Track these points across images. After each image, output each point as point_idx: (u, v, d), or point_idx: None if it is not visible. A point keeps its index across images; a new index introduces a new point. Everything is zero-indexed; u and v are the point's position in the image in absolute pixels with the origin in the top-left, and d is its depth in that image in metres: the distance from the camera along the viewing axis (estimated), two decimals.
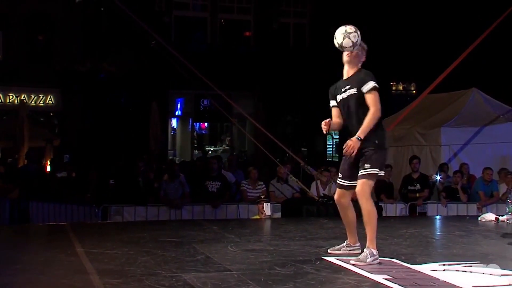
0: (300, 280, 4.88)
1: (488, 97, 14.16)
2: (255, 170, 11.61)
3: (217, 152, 25.14)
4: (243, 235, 7.62)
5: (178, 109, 24.71)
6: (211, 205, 10.91)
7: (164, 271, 5.16)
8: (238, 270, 5.23)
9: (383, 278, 4.91)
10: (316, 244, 6.76)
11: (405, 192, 11.90)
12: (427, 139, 13.29)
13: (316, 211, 10.61)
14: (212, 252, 6.14)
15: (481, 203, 11.44)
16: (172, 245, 6.70)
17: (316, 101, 23.38)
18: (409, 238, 7.47)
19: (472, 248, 6.78)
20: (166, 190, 11.00)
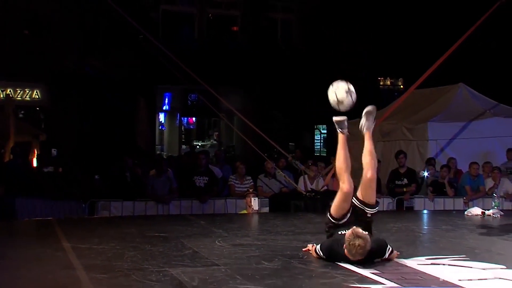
0: (288, 274, 4.89)
1: (475, 92, 14.21)
2: (242, 165, 11.59)
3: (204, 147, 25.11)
4: (231, 229, 7.64)
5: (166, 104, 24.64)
6: (199, 200, 10.89)
7: (151, 266, 5.15)
8: (225, 264, 5.23)
9: (370, 272, 4.93)
10: (303, 239, 6.77)
11: (392, 187, 11.93)
12: (414, 134, 13.33)
13: (303, 206, 10.63)
14: (199, 247, 6.14)
15: (467, 198, 11.50)
16: (160, 240, 6.69)
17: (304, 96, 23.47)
18: (396, 233, 7.51)
19: (459, 242, 6.82)
20: (154, 185, 10.96)
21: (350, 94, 5.40)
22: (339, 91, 5.42)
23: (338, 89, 5.43)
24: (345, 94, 5.40)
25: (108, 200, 10.51)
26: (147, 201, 10.71)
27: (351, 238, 4.99)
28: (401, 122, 13.63)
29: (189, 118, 26.80)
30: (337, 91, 5.42)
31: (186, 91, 23.67)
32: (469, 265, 5.33)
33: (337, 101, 5.40)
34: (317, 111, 24.55)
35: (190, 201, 10.88)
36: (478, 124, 13.05)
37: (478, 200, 11.40)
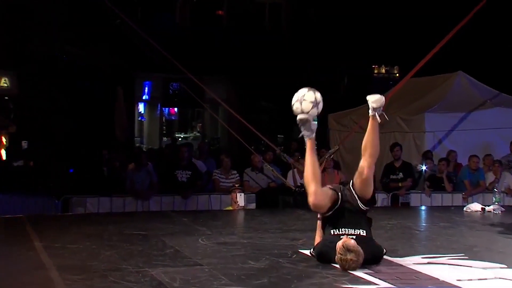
0: (275, 274, 4.88)
1: (475, 80, 14.26)
2: (228, 158, 11.59)
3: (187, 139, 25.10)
4: (215, 227, 7.63)
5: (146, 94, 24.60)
6: (181, 195, 10.88)
7: (130, 266, 5.14)
8: (209, 264, 5.22)
9: (363, 272, 4.94)
10: (292, 237, 6.78)
11: (386, 182, 11.97)
12: (410, 126, 13.37)
13: (292, 201, 10.64)
14: (181, 246, 6.13)
15: (466, 193, 11.56)
16: (139, 238, 6.68)
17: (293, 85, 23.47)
18: (391, 230, 7.53)
19: (457, 240, 6.86)
20: (133, 180, 10.95)
21: (317, 106, 5.37)
22: (305, 103, 5.36)
23: (304, 100, 5.37)
24: (311, 105, 5.35)
25: (84, 196, 10.49)
26: (126, 196, 10.70)
27: (343, 253, 4.98)
28: (396, 112, 13.66)
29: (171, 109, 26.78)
30: (303, 103, 5.37)
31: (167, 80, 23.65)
32: (468, 264, 5.35)
33: (301, 111, 5.37)
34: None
35: (172, 197, 10.89)
36: (478, 115, 13.11)
37: (478, 196, 11.47)
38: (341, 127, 14.48)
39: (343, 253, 4.96)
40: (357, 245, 4.99)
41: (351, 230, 5.27)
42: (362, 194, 5.38)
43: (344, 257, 4.94)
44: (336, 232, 5.28)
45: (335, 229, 5.31)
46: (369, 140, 5.38)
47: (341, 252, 4.97)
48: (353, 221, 5.33)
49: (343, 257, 4.95)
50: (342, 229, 5.27)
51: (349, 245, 4.97)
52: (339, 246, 5.01)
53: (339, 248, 5.00)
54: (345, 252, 4.95)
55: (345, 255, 4.94)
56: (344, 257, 4.94)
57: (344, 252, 4.95)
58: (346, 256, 4.94)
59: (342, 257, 4.95)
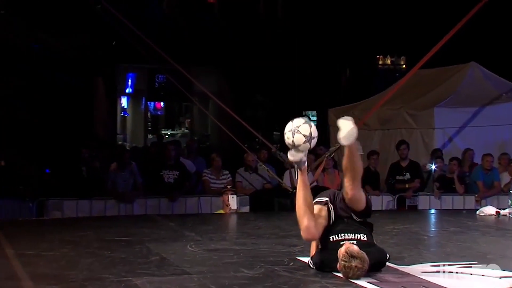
0: (271, 284, 4.89)
1: (489, 72, 14.27)
2: (219, 157, 11.59)
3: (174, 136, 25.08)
4: (205, 232, 7.65)
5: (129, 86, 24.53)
6: (168, 198, 10.89)
7: (111, 275, 5.14)
8: (198, 273, 5.23)
9: (366, 281, 4.94)
10: (289, 243, 6.80)
11: (392, 183, 11.99)
12: (418, 122, 13.39)
13: (289, 204, 10.64)
14: (168, 253, 6.14)
15: (480, 195, 11.58)
16: (122, 244, 6.69)
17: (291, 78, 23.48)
18: (397, 235, 7.55)
19: (469, 246, 6.88)
20: (115, 181, 10.95)
21: (310, 141, 5.36)
22: (298, 136, 5.34)
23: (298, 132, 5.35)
24: (303, 139, 5.33)
25: (61, 199, 10.50)
26: (107, 199, 10.71)
27: (346, 260, 4.97)
28: (403, 107, 13.69)
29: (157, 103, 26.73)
30: (295, 135, 5.35)
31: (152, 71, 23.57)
32: (481, 273, 5.36)
33: (292, 144, 5.37)
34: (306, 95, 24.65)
35: (158, 200, 10.91)
36: (492, 110, 13.13)
37: (492, 198, 11.50)
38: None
39: (347, 260, 4.95)
40: (361, 251, 5.00)
41: (351, 235, 5.28)
42: (353, 208, 5.41)
43: (348, 264, 4.94)
44: (335, 238, 5.29)
45: (334, 235, 5.32)
46: (348, 164, 5.34)
47: (344, 259, 4.96)
48: (352, 226, 5.35)
49: (347, 265, 4.95)
50: (341, 234, 5.29)
51: (353, 251, 4.97)
52: (341, 252, 5.00)
53: (342, 254, 4.99)
54: (349, 259, 4.95)
55: (349, 262, 4.94)
56: (348, 264, 4.94)
57: (348, 259, 4.95)
58: (350, 263, 4.93)
59: (346, 264, 4.95)
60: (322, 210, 5.45)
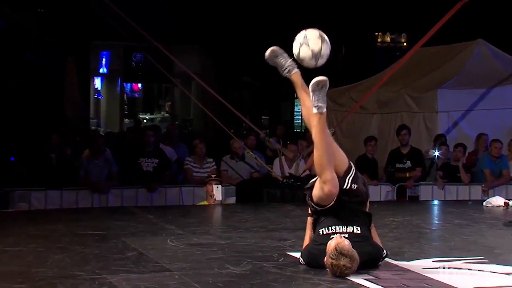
0: (259, 281, 4.90)
1: (497, 50, 14.30)
2: (202, 144, 11.58)
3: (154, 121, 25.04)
4: (187, 225, 7.65)
5: (103, 66, 24.45)
6: (146, 188, 10.90)
7: (83, 272, 5.13)
8: (179, 269, 5.23)
9: (363, 278, 4.96)
10: (279, 237, 6.81)
11: (392, 171, 12.03)
12: (420, 105, 13.42)
13: (279, 195, 10.67)
14: (146, 248, 6.13)
15: (487, 185, 11.64)
16: (95, 239, 6.68)
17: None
18: (397, 229, 7.58)
19: (475, 240, 6.91)
20: (88, 170, 10.93)
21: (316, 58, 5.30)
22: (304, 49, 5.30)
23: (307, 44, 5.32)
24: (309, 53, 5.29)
25: (28, 189, 10.46)
26: (79, 190, 10.69)
27: (335, 257, 4.96)
28: (403, 89, 13.71)
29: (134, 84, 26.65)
30: (302, 47, 5.31)
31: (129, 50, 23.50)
32: (488, 269, 5.39)
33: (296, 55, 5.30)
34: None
35: (135, 190, 10.91)
36: (501, 92, 13.18)
37: (501, 188, 11.57)
38: (338, 106, 14.50)
39: (335, 257, 4.95)
40: (352, 249, 4.99)
41: (343, 227, 5.25)
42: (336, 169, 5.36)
43: (336, 262, 4.94)
44: (325, 232, 5.28)
45: (325, 227, 5.30)
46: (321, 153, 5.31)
47: (332, 256, 4.96)
48: (345, 215, 5.30)
49: (334, 262, 4.95)
50: (332, 227, 5.26)
51: (343, 248, 4.96)
52: (331, 247, 5.00)
53: (331, 250, 4.99)
54: (337, 256, 4.94)
55: (338, 259, 4.93)
56: (336, 262, 4.94)
57: (336, 256, 4.94)
58: (338, 261, 4.93)
59: (334, 262, 4.95)
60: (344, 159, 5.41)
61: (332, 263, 4.96)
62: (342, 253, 4.94)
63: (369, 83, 14.12)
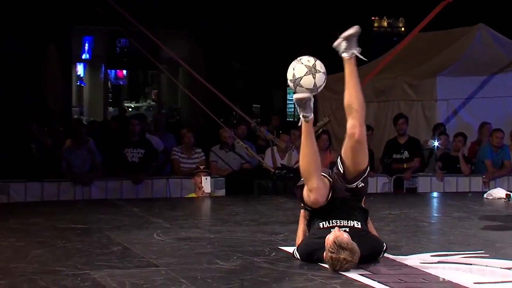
0: (250, 277, 4.90)
1: (499, 35, 14.31)
2: (190, 133, 11.58)
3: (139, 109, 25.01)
4: (174, 219, 7.67)
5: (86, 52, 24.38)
6: (131, 179, 10.89)
7: (65, 268, 5.13)
8: (166, 265, 5.24)
9: (358, 273, 4.97)
10: (270, 230, 6.82)
11: (388, 162, 12.05)
12: (418, 92, 13.44)
13: (271, 187, 10.69)
14: (131, 242, 6.14)
15: (488, 176, 11.67)
16: (78, 233, 6.68)
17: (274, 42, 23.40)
18: (394, 222, 7.60)
19: (475, 234, 6.94)
20: (70, 161, 10.92)
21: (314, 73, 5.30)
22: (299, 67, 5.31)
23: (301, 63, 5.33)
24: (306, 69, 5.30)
25: (6, 181, 10.44)
26: (60, 181, 10.68)
27: (334, 250, 4.98)
28: (401, 76, 13.72)
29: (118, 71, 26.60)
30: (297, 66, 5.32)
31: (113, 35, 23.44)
32: (489, 263, 5.40)
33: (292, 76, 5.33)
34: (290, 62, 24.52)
35: (120, 182, 10.91)
36: (503, 79, 13.19)
37: (502, 179, 11.61)
38: (332, 94, 14.46)
39: (335, 251, 4.97)
40: (352, 242, 5.01)
41: (343, 221, 5.30)
42: (354, 165, 5.37)
43: (336, 255, 4.96)
44: (325, 225, 5.31)
45: (324, 221, 5.33)
46: (351, 94, 5.35)
47: (332, 250, 4.99)
48: (346, 211, 5.36)
49: (334, 256, 4.97)
50: (332, 221, 5.30)
51: (342, 241, 4.99)
52: (329, 241, 5.02)
53: (330, 244, 5.01)
54: (337, 250, 4.97)
55: (338, 253, 4.96)
56: (336, 256, 4.96)
57: (336, 250, 4.97)
58: (338, 255, 4.95)
59: (334, 255, 4.97)
60: (324, 178, 5.42)
61: (331, 257, 4.98)
62: (341, 247, 4.96)
63: (365, 70, 14.06)
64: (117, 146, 11.44)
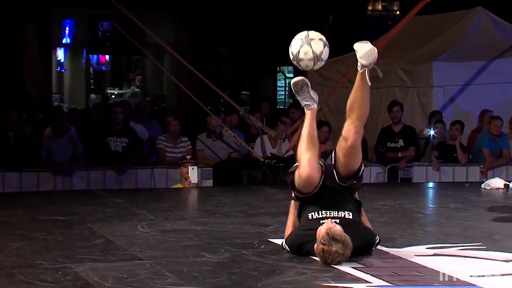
0: (238, 270, 4.92)
1: (498, 19, 14.31)
2: (176, 121, 11.56)
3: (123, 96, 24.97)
4: (159, 210, 7.67)
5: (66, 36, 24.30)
6: (115, 169, 10.89)
7: (46, 261, 5.14)
8: (151, 258, 5.25)
9: (350, 266, 4.99)
10: (260, 222, 6.84)
11: (383, 151, 12.06)
12: (414, 78, 13.44)
13: (260, 177, 10.69)
14: (115, 235, 6.15)
15: (486, 165, 11.69)
16: (59, 225, 6.69)
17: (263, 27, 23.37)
18: (388, 213, 7.63)
19: (473, 225, 6.97)
20: (50, 150, 10.90)
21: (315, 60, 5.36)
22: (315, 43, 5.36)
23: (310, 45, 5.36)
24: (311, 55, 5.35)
25: None
26: (40, 171, 10.66)
27: (326, 242, 4.99)
28: (396, 61, 13.72)
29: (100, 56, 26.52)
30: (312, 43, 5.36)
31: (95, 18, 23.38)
32: (486, 256, 5.44)
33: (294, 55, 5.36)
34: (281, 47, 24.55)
35: (102, 172, 10.90)
36: (502, 64, 13.20)
37: (501, 169, 11.63)
38: (324, 80, 14.53)
39: (326, 243, 4.98)
40: (345, 234, 5.03)
41: (334, 212, 5.31)
42: (345, 166, 5.40)
43: (327, 248, 4.97)
44: (315, 216, 5.32)
45: (314, 212, 5.34)
46: (357, 98, 5.40)
47: (324, 242, 5.00)
48: (337, 202, 5.37)
49: (326, 248, 4.98)
50: (323, 211, 5.31)
51: (335, 233, 5.00)
52: (321, 233, 5.03)
53: (321, 236, 5.02)
54: (329, 242, 4.98)
55: (330, 245, 4.97)
56: (327, 248, 4.97)
57: (328, 242, 4.98)
58: (330, 248, 4.97)
59: (325, 248, 4.98)
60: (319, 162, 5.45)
61: (323, 249, 4.99)
62: (334, 239, 4.97)
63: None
64: (100, 135, 11.41)
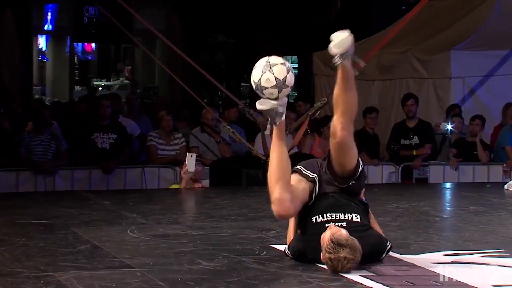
0: (236, 279, 4.93)
1: None
2: (169, 116, 11.57)
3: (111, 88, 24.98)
4: (151, 213, 7.68)
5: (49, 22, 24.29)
6: (101, 168, 10.91)
7: (26, 269, 5.14)
8: (142, 265, 5.25)
9: (360, 275, 4.99)
10: (261, 226, 6.85)
11: (396, 149, 12.07)
12: (430, 69, 13.46)
13: (261, 176, 10.68)
14: (102, 240, 6.16)
15: (509, 164, 11.71)
16: (40, 230, 6.69)
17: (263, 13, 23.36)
18: (401, 217, 7.63)
19: (494, 230, 6.97)
20: (30, 147, 10.92)
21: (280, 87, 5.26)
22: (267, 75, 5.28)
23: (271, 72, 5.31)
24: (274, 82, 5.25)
25: None
26: (20, 170, 10.71)
27: (332, 250, 4.97)
28: (410, 50, 13.74)
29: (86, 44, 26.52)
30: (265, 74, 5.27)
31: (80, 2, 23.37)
32: (509, 263, 5.44)
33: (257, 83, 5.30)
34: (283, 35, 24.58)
35: (88, 171, 10.94)
36: None
37: None
38: (331, 71, 14.49)
39: (332, 251, 4.97)
40: (350, 237, 5.01)
41: (340, 215, 5.29)
42: (339, 165, 5.38)
43: (335, 255, 4.95)
44: (319, 219, 5.30)
45: (317, 215, 5.33)
46: (339, 92, 5.34)
47: (329, 250, 4.98)
48: (341, 203, 5.35)
49: (333, 256, 4.96)
50: (326, 214, 5.29)
51: (340, 238, 4.98)
52: (326, 240, 5.01)
53: (326, 244, 5.00)
54: (335, 249, 4.96)
55: (336, 252, 4.96)
56: (335, 256, 4.96)
57: (334, 249, 4.96)
58: (338, 254, 4.95)
59: (332, 256, 4.97)
60: (301, 181, 5.45)
61: (330, 257, 4.97)
62: (340, 244, 4.96)
63: (368, 43, 14.09)
64: (85, 131, 11.45)
